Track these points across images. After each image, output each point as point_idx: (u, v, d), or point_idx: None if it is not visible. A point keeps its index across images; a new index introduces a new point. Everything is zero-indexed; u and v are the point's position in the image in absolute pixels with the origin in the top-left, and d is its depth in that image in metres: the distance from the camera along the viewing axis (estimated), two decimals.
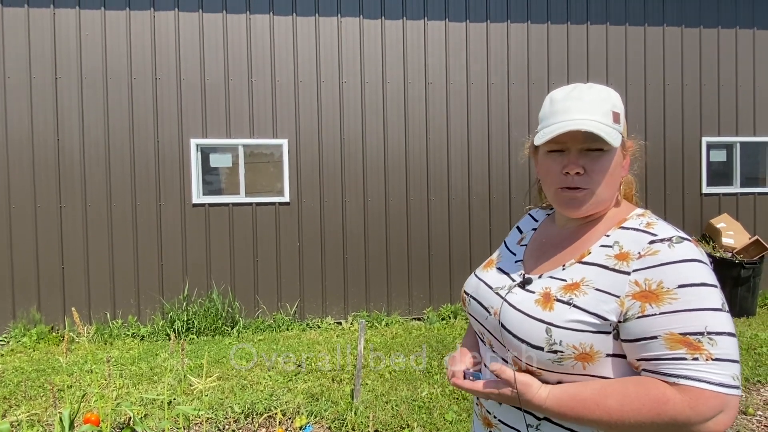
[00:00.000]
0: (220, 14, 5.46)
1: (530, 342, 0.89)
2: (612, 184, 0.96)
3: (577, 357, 0.86)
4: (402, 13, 5.72)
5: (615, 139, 0.90)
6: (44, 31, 5.23)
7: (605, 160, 0.93)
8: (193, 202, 5.44)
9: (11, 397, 3.71)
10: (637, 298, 0.83)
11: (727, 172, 6.39)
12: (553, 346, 0.86)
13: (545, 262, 1.02)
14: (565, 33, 5.97)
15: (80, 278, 5.33)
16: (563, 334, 0.86)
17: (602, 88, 0.96)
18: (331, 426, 3.14)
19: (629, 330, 0.83)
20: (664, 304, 0.81)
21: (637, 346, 0.83)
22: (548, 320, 0.88)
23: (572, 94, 0.95)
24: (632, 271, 0.85)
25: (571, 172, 0.93)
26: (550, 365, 0.88)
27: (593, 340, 0.85)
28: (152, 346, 4.96)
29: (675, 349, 0.79)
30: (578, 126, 0.89)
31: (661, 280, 0.82)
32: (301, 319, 5.67)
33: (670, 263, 0.82)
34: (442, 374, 4.01)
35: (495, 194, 5.94)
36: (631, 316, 0.83)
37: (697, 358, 0.78)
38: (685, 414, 0.77)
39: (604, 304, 0.85)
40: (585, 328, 0.85)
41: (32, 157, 5.23)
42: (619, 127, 0.94)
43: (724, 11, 6.23)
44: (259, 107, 5.55)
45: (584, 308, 0.87)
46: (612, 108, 0.93)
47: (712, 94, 6.26)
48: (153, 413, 3.29)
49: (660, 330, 0.80)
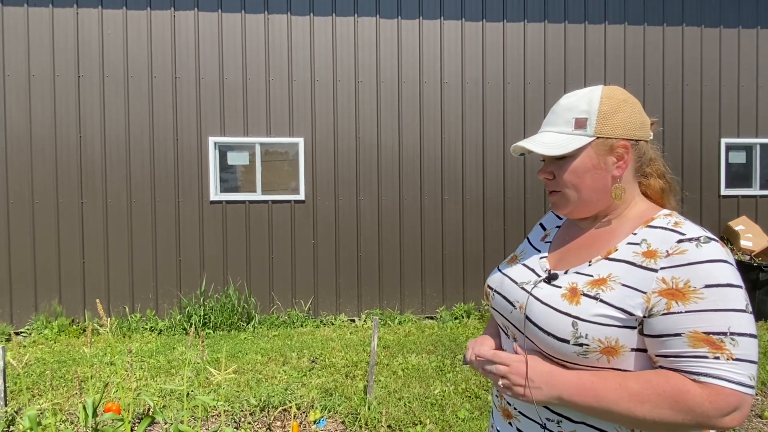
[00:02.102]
0: (238, 14, 5.53)
1: (556, 335, 0.91)
2: (589, 186, 1.00)
3: (603, 351, 0.88)
4: (418, 13, 5.74)
5: (562, 147, 0.98)
6: (68, 31, 5.35)
7: (568, 164, 1.00)
8: (211, 199, 5.53)
9: (34, 387, 3.81)
10: (664, 295, 0.85)
11: (747, 173, 6.30)
12: (579, 339, 0.89)
13: (571, 259, 1.04)
14: (582, 33, 5.93)
15: (100, 272, 5.45)
16: (589, 328, 0.88)
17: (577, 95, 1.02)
18: (345, 420, 3.18)
19: (653, 326, 0.85)
20: (689, 303, 0.82)
21: (660, 341, 0.85)
22: (575, 314, 0.90)
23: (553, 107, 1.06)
24: (660, 269, 0.87)
25: (540, 178, 1.07)
26: (575, 358, 0.90)
27: (619, 335, 0.88)
28: (170, 339, 5.06)
29: (698, 347, 0.81)
30: (519, 143, 1.04)
31: (688, 278, 0.84)
32: (315, 316, 5.73)
33: (697, 263, 0.84)
34: (455, 372, 4.03)
35: (509, 194, 5.93)
36: (656, 313, 0.85)
37: (718, 357, 0.80)
38: (704, 407, 0.79)
39: (630, 299, 0.88)
40: (611, 323, 0.88)
41: (55, 153, 5.36)
42: (584, 131, 0.98)
43: (744, 11, 6.14)
44: (276, 106, 5.62)
45: (611, 303, 0.89)
46: (576, 115, 0.99)
47: (731, 95, 6.18)
48: (171, 404, 3.36)
49: (684, 328, 0.82)
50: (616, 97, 0.99)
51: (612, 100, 0.98)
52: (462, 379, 3.86)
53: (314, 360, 4.38)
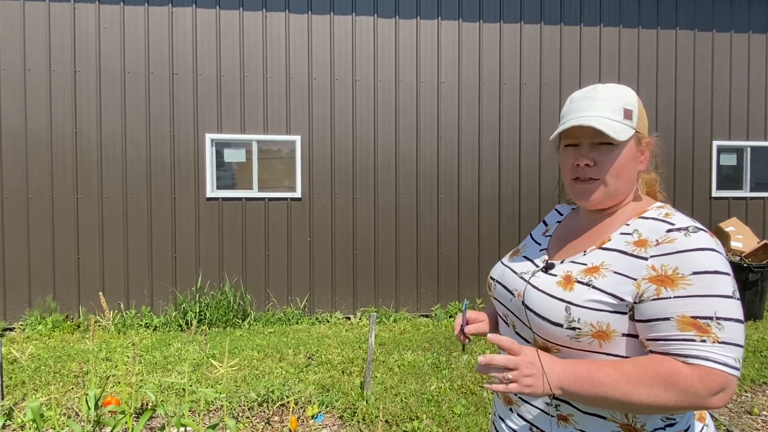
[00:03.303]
0: (236, 11, 5.53)
1: (551, 319, 0.96)
2: (624, 177, 1.02)
3: (594, 335, 0.93)
4: (416, 13, 5.78)
5: (620, 133, 0.98)
6: (64, 25, 5.33)
7: (615, 153, 1.00)
8: (207, 196, 5.53)
9: (30, 382, 3.80)
10: (653, 282, 0.89)
11: (737, 176, 6.40)
12: (571, 323, 0.93)
13: (568, 250, 1.09)
14: (578, 35, 6.00)
15: (95, 268, 5.43)
16: (581, 313, 0.93)
17: (618, 88, 1.04)
18: (343, 415, 3.21)
19: (643, 311, 0.90)
20: (678, 289, 0.87)
21: (650, 326, 0.89)
22: (568, 299, 0.95)
23: (588, 94, 1.03)
24: (650, 257, 0.91)
25: (581, 164, 1.02)
26: (568, 341, 0.95)
27: (610, 320, 0.92)
28: (165, 336, 5.06)
29: (685, 330, 0.85)
30: (582, 122, 0.99)
31: (676, 266, 0.88)
32: (311, 314, 5.75)
33: (685, 251, 0.88)
34: (450, 369, 4.07)
35: (504, 194, 5.98)
36: (646, 298, 0.89)
37: (705, 340, 0.84)
38: (695, 386, 0.83)
39: (622, 285, 0.92)
40: (602, 308, 0.92)
41: (50, 148, 5.33)
42: (631, 122, 1.01)
43: (738, 15, 6.24)
44: (274, 104, 5.63)
45: (602, 289, 0.93)
46: (624, 105, 1.01)
47: (723, 97, 6.27)
48: (169, 399, 3.37)
49: (673, 312, 0.86)
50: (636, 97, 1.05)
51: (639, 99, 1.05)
52: (458, 376, 3.90)
53: (311, 356, 4.40)
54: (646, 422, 0.93)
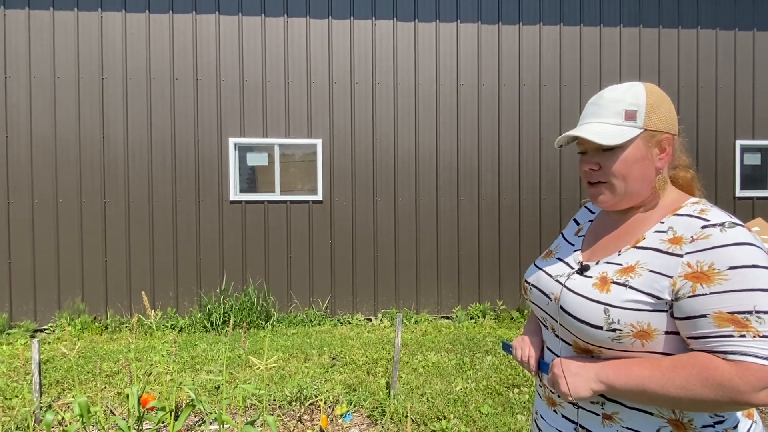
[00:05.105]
0: (258, 17, 5.63)
1: (590, 322, 0.96)
2: (634, 177, 1.02)
3: (636, 335, 0.93)
4: (435, 16, 5.82)
5: (616, 137, 1.00)
6: (92, 34, 5.47)
7: (617, 156, 1.01)
8: (231, 199, 5.62)
9: (63, 381, 3.90)
10: (689, 279, 0.89)
11: (762, 175, 6.31)
12: (611, 325, 0.94)
13: (602, 250, 1.09)
14: (597, 35, 5.99)
15: (122, 271, 5.55)
16: (620, 314, 0.93)
17: (622, 89, 1.04)
18: (371, 415, 3.24)
19: (681, 308, 0.90)
20: (714, 285, 0.86)
21: (688, 323, 0.89)
22: (606, 301, 0.95)
23: (594, 99, 1.07)
24: (685, 254, 0.91)
25: (586, 169, 1.07)
26: (609, 343, 0.95)
27: (650, 318, 0.92)
28: (191, 337, 5.14)
29: (723, 326, 0.84)
30: (573, 132, 1.05)
31: (712, 261, 0.87)
32: (332, 315, 5.80)
33: (721, 246, 0.88)
34: (475, 370, 4.08)
35: (525, 195, 5.98)
36: (683, 296, 0.89)
37: (744, 335, 0.83)
38: (734, 381, 0.82)
39: (657, 283, 0.92)
40: (641, 307, 0.92)
41: (79, 153, 5.46)
42: (634, 123, 1.01)
43: (760, 13, 6.17)
44: (295, 108, 5.71)
45: (639, 288, 0.93)
46: (626, 107, 1.01)
47: (746, 96, 6.21)
48: (201, 398, 3.44)
49: (709, 309, 0.86)
50: (658, 93, 1.04)
51: (655, 95, 1.03)
52: (483, 377, 3.91)
53: (335, 357, 4.45)
54: (694, 418, 0.93)
